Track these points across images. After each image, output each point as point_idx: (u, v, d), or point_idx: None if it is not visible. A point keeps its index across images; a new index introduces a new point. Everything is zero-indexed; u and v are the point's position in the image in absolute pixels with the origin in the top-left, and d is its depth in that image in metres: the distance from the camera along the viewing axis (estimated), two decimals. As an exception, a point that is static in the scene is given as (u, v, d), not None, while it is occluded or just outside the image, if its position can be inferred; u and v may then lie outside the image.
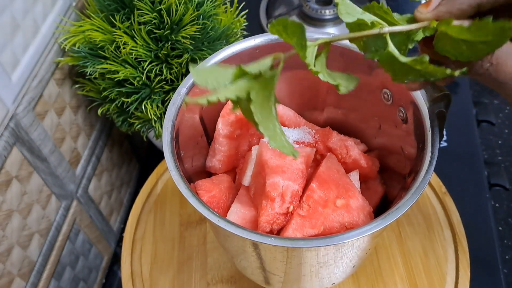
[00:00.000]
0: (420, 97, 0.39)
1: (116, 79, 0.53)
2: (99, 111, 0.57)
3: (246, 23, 0.59)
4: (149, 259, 0.56)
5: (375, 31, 0.29)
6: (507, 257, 0.87)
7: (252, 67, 0.27)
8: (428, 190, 0.58)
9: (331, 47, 0.45)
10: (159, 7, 0.49)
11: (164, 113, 0.49)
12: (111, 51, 0.52)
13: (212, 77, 0.27)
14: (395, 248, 0.54)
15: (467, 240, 0.53)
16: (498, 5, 0.28)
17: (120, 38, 0.51)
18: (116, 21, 0.52)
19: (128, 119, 0.57)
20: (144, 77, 0.52)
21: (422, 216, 0.56)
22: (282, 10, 0.85)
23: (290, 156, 0.42)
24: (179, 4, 0.50)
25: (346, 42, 0.43)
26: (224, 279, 0.53)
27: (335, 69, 0.46)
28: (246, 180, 0.45)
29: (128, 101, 0.53)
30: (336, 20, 0.81)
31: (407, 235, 0.55)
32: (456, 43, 0.27)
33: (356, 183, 0.44)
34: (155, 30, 0.51)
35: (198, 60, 0.53)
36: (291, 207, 0.40)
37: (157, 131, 0.55)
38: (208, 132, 0.47)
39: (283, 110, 0.50)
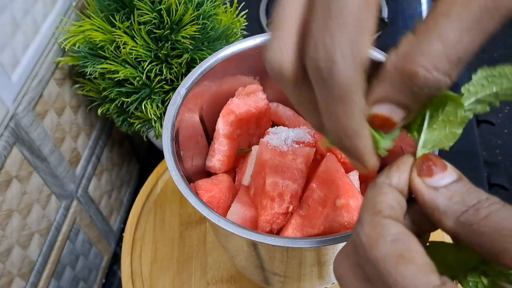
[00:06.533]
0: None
1: (116, 79, 0.53)
2: (99, 111, 0.57)
3: (246, 23, 0.58)
4: (149, 259, 0.56)
5: None
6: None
7: None
8: (428, 190, 0.58)
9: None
10: (159, 7, 0.49)
11: (164, 113, 0.49)
12: (111, 51, 0.52)
13: None
14: (395, 248, 0.54)
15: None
16: None
17: (120, 38, 0.51)
18: (116, 21, 0.52)
19: (128, 119, 0.57)
20: (144, 77, 0.52)
21: (422, 216, 0.56)
22: (282, 10, 0.85)
23: (289, 156, 0.42)
24: (179, 4, 0.50)
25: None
26: (224, 279, 0.53)
27: None
28: (246, 180, 0.45)
29: (128, 101, 0.53)
30: (336, 20, 0.81)
31: (407, 235, 0.54)
32: None
33: (356, 183, 0.44)
34: (155, 30, 0.51)
35: (198, 60, 0.53)
36: (291, 207, 0.40)
37: (157, 131, 0.55)
38: (208, 132, 0.47)
39: (283, 110, 0.50)
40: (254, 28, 0.83)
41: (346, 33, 0.19)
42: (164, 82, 0.53)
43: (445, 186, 0.21)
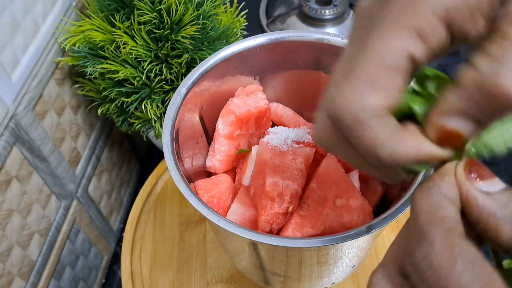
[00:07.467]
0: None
1: (116, 79, 0.53)
2: (99, 111, 0.57)
3: (246, 23, 0.59)
4: (149, 259, 0.56)
5: None
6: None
7: None
8: (428, 190, 0.58)
9: (326, 47, 0.45)
10: (159, 7, 0.49)
11: (164, 113, 0.49)
12: (111, 51, 0.52)
13: None
14: (395, 248, 0.54)
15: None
16: None
17: (120, 38, 0.51)
18: (116, 21, 0.52)
19: (128, 119, 0.57)
20: (144, 77, 0.52)
21: (421, 216, 0.56)
22: (282, 10, 0.85)
23: (289, 156, 0.42)
24: (179, 4, 0.50)
25: (344, 41, 0.43)
26: (224, 279, 0.53)
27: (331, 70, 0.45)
28: (246, 180, 0.45)
29: (128, 101, 0.53)
30: (336, 20, 0.81)
31: (407, 235, 0.54)
32: None
33: (356, 183, 0.44)
34: (155, 30, 0.51)
35: (198, 60, 0.53)
36: (291, 207, 0.40)
37: (157, 131, 0.55)
38: (208, 132, 0.47)
39: (283, 110, 0.50)
40: (254, 28, 0.83)
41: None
42: (164, 82, 0.53)
43: (498, 192, 0.20)
